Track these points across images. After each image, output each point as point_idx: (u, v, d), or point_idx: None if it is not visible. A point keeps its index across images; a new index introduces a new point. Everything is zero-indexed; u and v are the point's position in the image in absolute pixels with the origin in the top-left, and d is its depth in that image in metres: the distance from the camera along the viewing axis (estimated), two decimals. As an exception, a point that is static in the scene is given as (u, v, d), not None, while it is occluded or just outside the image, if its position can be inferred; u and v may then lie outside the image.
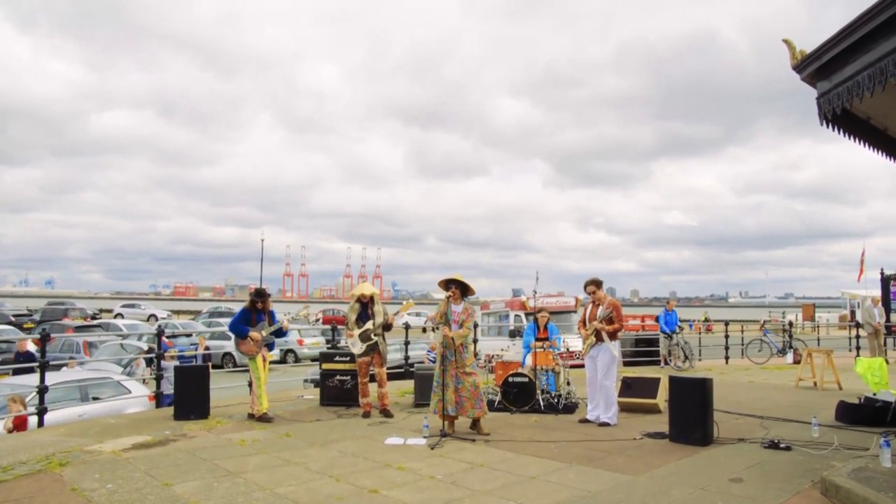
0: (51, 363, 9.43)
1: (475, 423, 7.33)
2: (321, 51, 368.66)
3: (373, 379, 8.54)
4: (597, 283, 8.01)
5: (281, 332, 8.48)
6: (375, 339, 8.29)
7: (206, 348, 18.38)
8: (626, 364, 15.60)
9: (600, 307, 7.85)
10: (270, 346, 8.45)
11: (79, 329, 23.90)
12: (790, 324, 22.06)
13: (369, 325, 8.32)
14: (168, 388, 10.01)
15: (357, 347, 8.38)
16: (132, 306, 48.76)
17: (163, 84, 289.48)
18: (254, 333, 8.13)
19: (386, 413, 8.28)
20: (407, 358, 13.48)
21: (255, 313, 8.28)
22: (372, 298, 8.48)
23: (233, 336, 8.51)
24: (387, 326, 8.39)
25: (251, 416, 8.10)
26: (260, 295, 8.42)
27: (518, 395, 8.69)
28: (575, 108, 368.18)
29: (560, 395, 8.99)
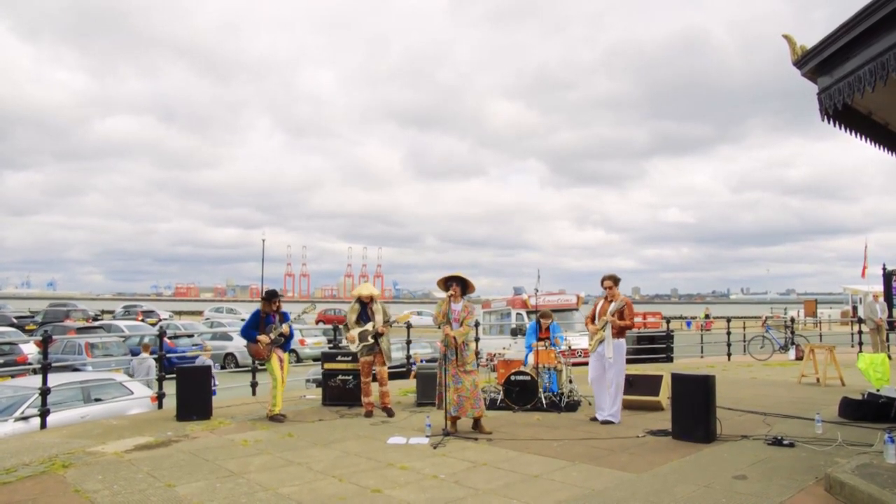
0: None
1: (476, 423, 7.33)
2: (318, 56, 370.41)
3: (374, 378, 8.54)
4: (614, 279, 7.92)
5: (286, 336, 8.46)
6: (372, 341, 8.29)
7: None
8: (628, 362, 15.59)
9: (612, 303, 7.79)
10: (285, 347, 8.45)
11: (80, 330, 23.91)
12: (792, 320, 22.05)
13: (368, 326, 8.33)
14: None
15: (354, 346, 8.40)
16: (133, 307, 48.74)
17: (163, 90, 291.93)
18: (261, 337, 8.14)
19: (388, 412, 8.27)
20: (409, 357, 13.49)
21: (265, 315, 8.29)
22: (371, 298, 8.50)
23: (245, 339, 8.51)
24: (377, 335, 8.34)
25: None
26: (268, 296, 8.44)
27: (520, 393, 8.68)
28: (568, 110, 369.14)
29: (562, 394, 8.97)
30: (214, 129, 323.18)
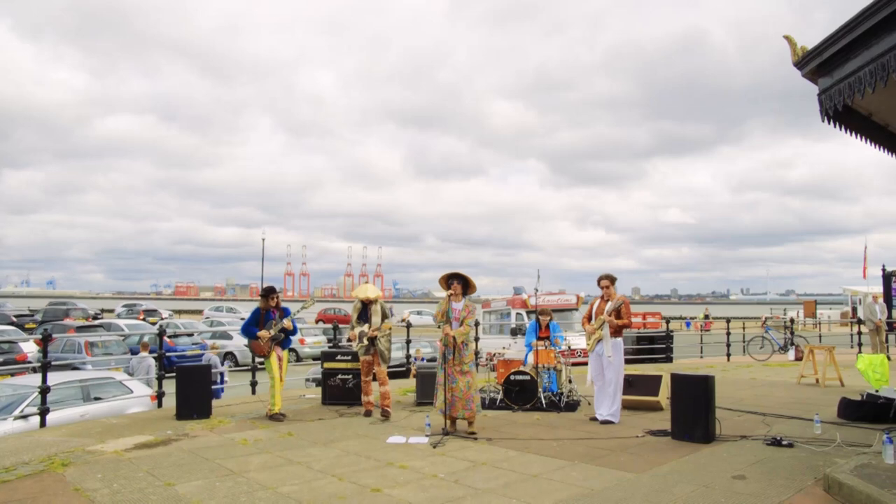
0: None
1: (469, 423, 7.33)
2: (318, 57, 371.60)
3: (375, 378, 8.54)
4: (611, 279, 7.95)
5: (288, 331, 8.45)
6: (367, 342, 8.31)
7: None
8: (628, 362, 15.60)
9: (609, 302, 7.79)
10: (285, 345, 8.45)
11: (80, 329, 23.90)
12: (791, 321, 22.06)
13: (365, 327, 8.35)
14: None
15: (355, 345, 8.44)
16: (134, 305, 48.74)
17: (164, 90, 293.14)
18: (262, 332, 8.17)
19: (384, 414, 8.26)
20: (409, 356, 13.49)
21: (264, 312, 8.31)
22: (370, 300, 8.49)
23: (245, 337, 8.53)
24: (370, 339, 8.32)
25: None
26: (265, 293, 8.47)
27: (520, 393, 8.69)
28: (568, 110, 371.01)
29: (562, 393, 8.98)
30: (215, 128, 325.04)
